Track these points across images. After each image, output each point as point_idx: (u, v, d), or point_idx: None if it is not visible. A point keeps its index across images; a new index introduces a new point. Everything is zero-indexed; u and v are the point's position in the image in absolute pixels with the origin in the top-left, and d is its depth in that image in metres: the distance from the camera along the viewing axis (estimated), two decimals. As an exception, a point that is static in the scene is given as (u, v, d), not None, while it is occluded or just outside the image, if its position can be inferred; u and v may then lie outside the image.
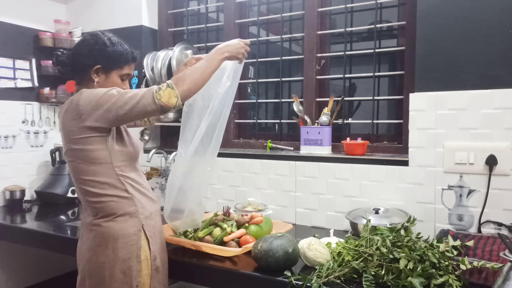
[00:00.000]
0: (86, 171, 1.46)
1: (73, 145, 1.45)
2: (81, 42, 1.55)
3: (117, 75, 1.55)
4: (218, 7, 2.76)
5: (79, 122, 1.42)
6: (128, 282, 1.44)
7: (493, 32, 1.75)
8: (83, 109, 1.41)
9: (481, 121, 1.78)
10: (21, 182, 2.77)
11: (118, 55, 1.53)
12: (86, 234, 1.50)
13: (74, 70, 1.54)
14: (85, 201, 1.50)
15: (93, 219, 1.48)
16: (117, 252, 1.44)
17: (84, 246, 1.50)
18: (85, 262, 1.48)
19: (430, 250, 1.36)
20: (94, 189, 1.46)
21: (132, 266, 1.44)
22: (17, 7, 2.77)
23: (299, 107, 2.31)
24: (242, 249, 1.65)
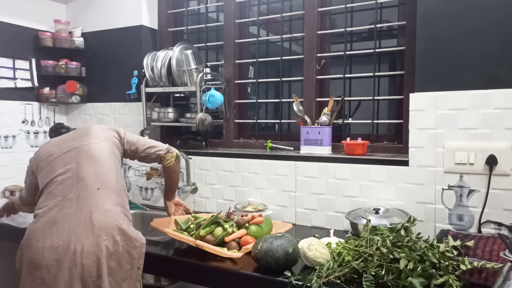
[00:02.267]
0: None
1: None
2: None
3: None
4: (218, 7, 2.76)
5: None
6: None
7: (493, 32, 1.75)
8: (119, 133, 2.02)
9: (481, 121, 1.78)
10: (21, 182, 2.75)
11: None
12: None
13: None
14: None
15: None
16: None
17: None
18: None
19: (430, 250, 1.36)
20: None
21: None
22: (17, 7, 2.77)
23: (299, 107, 2.31)
24: (242, 250, 1.65)
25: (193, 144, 2.67)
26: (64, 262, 1.48)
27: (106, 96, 2.94)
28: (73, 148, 1.74)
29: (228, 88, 2.60)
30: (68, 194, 1.60)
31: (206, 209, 2.50)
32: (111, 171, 1.71)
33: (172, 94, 2.79)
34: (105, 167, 1.70)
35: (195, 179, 2.56)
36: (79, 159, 1.69)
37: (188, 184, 2.54)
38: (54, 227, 1.54)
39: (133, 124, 2.79)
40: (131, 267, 1.53)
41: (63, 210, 1.57)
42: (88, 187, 1.62)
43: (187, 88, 2.52)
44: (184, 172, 2.56)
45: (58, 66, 2.89)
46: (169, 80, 2.60)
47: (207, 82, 2.52)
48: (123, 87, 2.80)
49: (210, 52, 2.81)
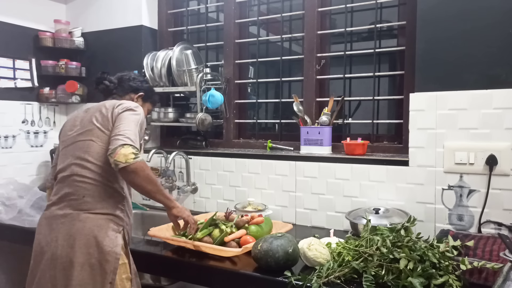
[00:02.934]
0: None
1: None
2: (126, 74, 1.84)
3: (147, 108, 1.89)
4: (218, 7, 2.76)
5: (112, 112, 1.63)
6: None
7: (493, 32, 1.75)
8: (118, 110, 1.61)
9: (481, 121, 1.78)
10: (21, 182, 2.76)
11: (153, 93, 1.97)
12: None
13: (119, 89, 1.80)
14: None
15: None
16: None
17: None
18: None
19: (430, 250, 1.36)
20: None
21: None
22: (17, 7, 2.77)
23: (299, 107, 2.31)
24: (242, 249, 1.65)
25: (193, 144, 2.67)
26: (42, 261, 1.51)
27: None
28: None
29: (228, 88, 2.60)
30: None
31: (206, 209, 2.50)
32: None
33: (172, 94, 2.79)
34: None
35: (195, 179, 2.56)
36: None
37: (188, 184, 2.54)
38: (47, 226, 1.55)
39: (133, 124, 2.79)
40: (101, 280, 1.46)
41: (55, 212, 1.55)
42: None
43: (187, 88, 2.52)
44: (184, 172, 2.56)
45: (58, 66, 2.89)
46: (169, 80, 2.60)
47: (207, 82, 2.52)
48: (123, 87, 2.79)
49: (210, 52, 2.81)
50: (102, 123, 1.55)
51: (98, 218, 1.49)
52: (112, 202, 1.53)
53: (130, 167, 1.41)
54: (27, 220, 2.19)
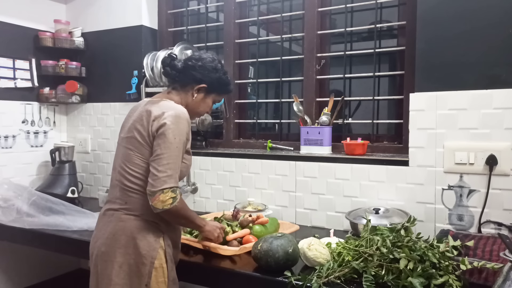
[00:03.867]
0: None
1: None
2: (198, 58, 1.61)
3: (213, 99, 1.67)
4: (218, 7, 2.76)
5: (150, 125, 1.48)
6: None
7: (493, 32, 1.75)
8: (160, 122, 1.45)
9: (481, 121, 1.78)
10: (21, 182, 2.76)
11: (223, 84, 1.66)
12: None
13: (181, 78, 1.61)
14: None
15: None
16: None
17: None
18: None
19: (430, 250, 1.36)
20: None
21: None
22: (17, 7, 2.77)
23: (299, 107, 2.31)
24: (240, 248, 1.65)
25: (193, 144, 2.66)
26: (92, 257, 1.55)
27: (106, 96, 2.94)
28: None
29: (228, 88, 2.59)
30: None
31: (206, 209, 2.50)
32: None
33: (172, 94, 2.78)
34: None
35: (195, 179, 2.56)
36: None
37: (188, 184, 2.54)
38: (98, 223, 1.59)
39: (133, 124, 2.79)
40: (138, 281, 1.46)
41: (104, 210, 1.58)
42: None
43: (187, 88, 2.52)
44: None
45: (58, 66, 2.89)
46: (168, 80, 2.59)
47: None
48: (123, 87, 2.80)
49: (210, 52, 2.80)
50: (141, 135, 1.48)
51: (139, 220, 1.48)
52: (150, 208, 1.47)
53: (166, 211, 1.42)
54: (27, 221, 2.19)
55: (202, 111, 1.68)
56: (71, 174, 2.84)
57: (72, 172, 2.86)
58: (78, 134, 3.08)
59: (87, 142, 3.03)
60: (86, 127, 3.04)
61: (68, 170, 2.83)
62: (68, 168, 2.84)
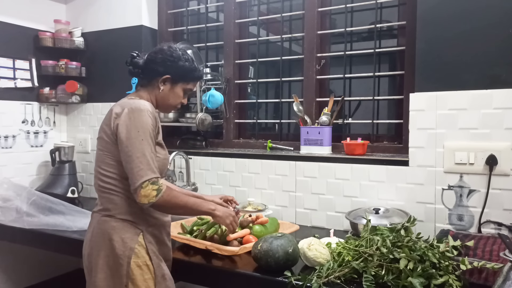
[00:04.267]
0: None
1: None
2: (158, 50, 1.60)
3: (181, 88, 1.61)
4: (218, 7, 2.76)
5: (113, 123, 1.47)
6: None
7: (493, 32, 1.75)
8: (122, 119, 1.44)
9: (481, 121, 1.78)
10: (21, 182, 2.76)
11: (188, 71, 1.60)
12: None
13: (145, 73, 1.60)
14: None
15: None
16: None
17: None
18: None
19: (430, 250, 1.36)
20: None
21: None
22: (17, 7, 2.77)
23: (299, 107, 2.31)
24: (240, 248, 1.65)
25: (193, 144, 2.67)
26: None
27: (106, 96, 2.93)
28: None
29: (228, 88, 2.60)
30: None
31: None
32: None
33: (172, 94, 2.78)
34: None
35: (195, 179, 2.56)
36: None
37: (188, 184, 2.54)
38: (88, 225, 1.63)
39: (133, 124, 2.79)
40: (119, 281, 1.46)
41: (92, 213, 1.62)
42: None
43: (187, 88, 2.52)
44: (184, 172, 2.56)
45: (58, 66, 2.89)
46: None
47: (207, 82, 2.52)
48: (123, 87, 2.79)
49: (210, 52, 2.81)
50: (106, 135, 1.49)
51: (114, 221, 1.48)
52: (128, 207, 1.49)
53: (154, 205, 1.41)
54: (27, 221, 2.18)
55: (173, 102, 1.62)
56: (71, 174, 2.84)
57: (72, 172, 2.86)
58: (78, 134, 3.08)
59: (87, 142, 3.03)
60: (86, 127, 3.04)
61: (68, 170, 2.83)
62: (68, 168, 2.84)
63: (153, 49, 1.63)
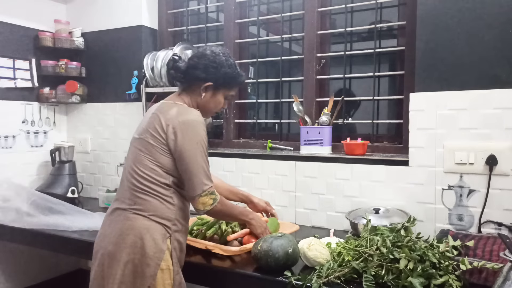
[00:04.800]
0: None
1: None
2: (200, 55, 1.59)
3: (223, 94, 1.62)
4: (218, 7, 2.76)
5: (165, 131, 1.48)
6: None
7: (493, 32, 1.75)
8: (176, 130, 1.47)
9: (481, 121, 1.78)
10: (21, 182, 2.76)
11: (231, 78, 1.60)
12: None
13: (187, 79, 1.60)
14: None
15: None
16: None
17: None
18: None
19: (430, 250, 1.36)
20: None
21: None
22: (17, 7, 2.77)
23: (299, 107, 2.31)
24: (240, 248, 1.65)
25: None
26: (97, 257, 1.52)
27: (106, 96, 2.94)
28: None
29: (228, 88, 2.59)
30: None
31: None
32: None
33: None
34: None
35: (195, 179, 2.56)
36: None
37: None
38: (104, 221, 1.58)
39: (133, 124, 2.77)
40: (141, 281, 1.44)
41: (112, 208, 1.58)
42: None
43: (187, 88, 2.51)
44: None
45: (58, 66, 2.89)
46: (169, 80, 2.59)
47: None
48: (123, 87, 2.80)
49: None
50: (154, 139, 1.49)
51: (147, 220, 1.47)
52: (161, 209, 1.48)
53: (208, 212, 1.51)
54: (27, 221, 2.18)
55: (214, 108, 1.64)
56: (71, 174, 2.84)
57: (72, 172, 2.86)
58: (78, 134, 3.08)
59: (87, 142, 3.03)
60: (86, 127, 3.04)
61: (68, 170, 2.83)
62: (68, 168, 2.84)
63: (196, 53, 1.63)
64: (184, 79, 1.60)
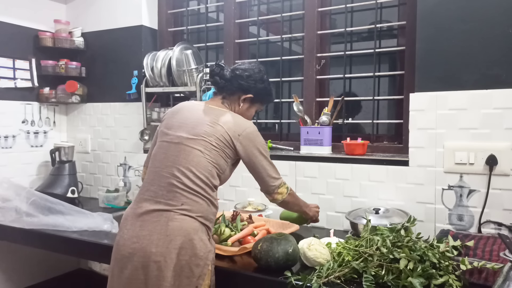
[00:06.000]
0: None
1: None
2: (246, 68, 1.67)
3: (255, 108, 1.73)
4: (218, 7, 2.76)
5: (234, 140, 1.55)
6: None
7: (493, 32, 1.75)
8: (245, 140, 1.56)
9: (481, 121, 1.78)
10: (21, 182, 2.76)
11: (268, 93, 1.72)
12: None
13: (229, 87, 1.66)
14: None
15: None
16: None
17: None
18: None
19: (430, 250, 1.36)
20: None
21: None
22: (17, 7, 2.77)
23: (299, 107, 2.31)
24: (240, 248, 1.65)
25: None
26: (133, 259, 1.44)
27: (106, 96, 2.94)
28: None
29: (228, 88, 2.59)
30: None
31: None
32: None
33: (172, 94, 2.78)
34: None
35: (195, 179, 2.55)
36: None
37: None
38: (137, 222, 1.53)
39: (133, 124, 2.79)
40: (189, 282, 1.42)
41: (148, 207, 1.54)
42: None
43: (187, 88, 2.52)
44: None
45: (58, 66, 2.89)
46: (169, 80, 2.60)
47: (207, 82, 2.51)
48: (123, 87, 2.80)
49: (210, 52, 2.81)
50: (218, 142, 1.51)
51: (194, 221, 1.45)
52: (207, 211, 1.49)
53: (284, 201, 1.70)
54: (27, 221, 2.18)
55: (246, 119, 1.67)
56: (71, 174, 2.84)
57: (72, 172, 2.85)
58: (78, 134, 3.08)
59: (87, 142, 3.03)
60: (86, 127, 3.04)
61: (68, 170, 2.83)
62: (68, 168, 2.84)
63: (239, 65, 1.70)
64: (226, 87, 1.66)
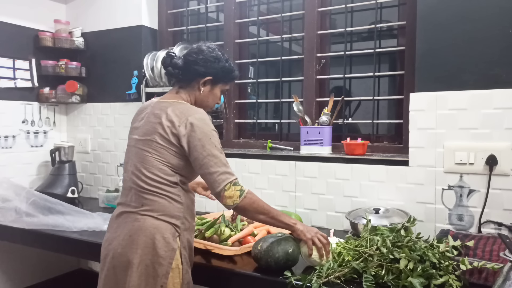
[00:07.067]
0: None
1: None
2: (198, 51, 1.58)
3: (220, 89, 1.63)
4: (218, 7, 2.76)
5: (176, 134, 1.45)
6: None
7: (493, 32, 1.75)
8: (185, 131, 1.44)
9: (481, 121, 1.78)
10: (21, 182, 2.77)
11: (228, 71, 1.62)
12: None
13: (185, 75, 1.58)
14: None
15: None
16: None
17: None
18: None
19: (430, 250, 1.35)
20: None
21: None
22: (17, 7, 2.77)
23: (299, 107, 2.31)
24: (240, 248, 1.65)
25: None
26: (107, 260, 1.49)
27: (106, 96, 2.94)
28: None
29: (228, 88, 2.60)
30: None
31: (206, 209, 2.50)
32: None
33: (172, 94, 2.78)
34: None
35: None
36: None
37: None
38: (113, 224, 1.55)
39: (133, 124, 2.79)
40: (153, 282, 1.43)
41: (120, 210, 1.56)
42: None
43: (187, 88, 2.51)
44: (184, 172, 2.56)
45: (58, 66, 2.89)
46: (169, 80, 2.59)
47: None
48: (123, 87, 2.80)
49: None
50: (162, 139, 1.47)
51: (156, 220, 1.45)
52: (170, 209, 1.47)
53: (238, 206, 1.44)
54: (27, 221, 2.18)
55: (211, 103, 1.64)
56: (71, 174, 2.84)
57: (72, 172, 2.86)
58: (78, 134, 3.08)
59: (87, 142, 3.03)
60: (86, 127, 3.04)
61: (68, 170, 2.83)
62: (68, 168, 2.84)
63: (192, 50, 1.61)
64: (182, 76, 1.59)
